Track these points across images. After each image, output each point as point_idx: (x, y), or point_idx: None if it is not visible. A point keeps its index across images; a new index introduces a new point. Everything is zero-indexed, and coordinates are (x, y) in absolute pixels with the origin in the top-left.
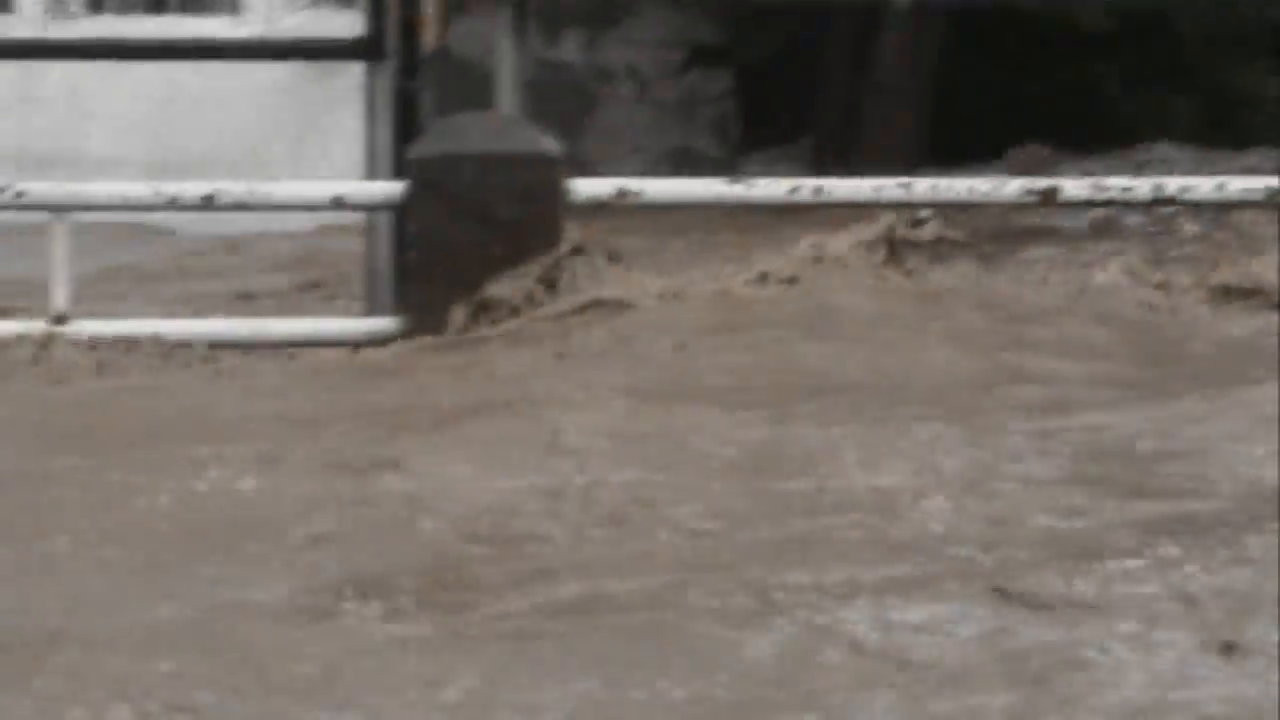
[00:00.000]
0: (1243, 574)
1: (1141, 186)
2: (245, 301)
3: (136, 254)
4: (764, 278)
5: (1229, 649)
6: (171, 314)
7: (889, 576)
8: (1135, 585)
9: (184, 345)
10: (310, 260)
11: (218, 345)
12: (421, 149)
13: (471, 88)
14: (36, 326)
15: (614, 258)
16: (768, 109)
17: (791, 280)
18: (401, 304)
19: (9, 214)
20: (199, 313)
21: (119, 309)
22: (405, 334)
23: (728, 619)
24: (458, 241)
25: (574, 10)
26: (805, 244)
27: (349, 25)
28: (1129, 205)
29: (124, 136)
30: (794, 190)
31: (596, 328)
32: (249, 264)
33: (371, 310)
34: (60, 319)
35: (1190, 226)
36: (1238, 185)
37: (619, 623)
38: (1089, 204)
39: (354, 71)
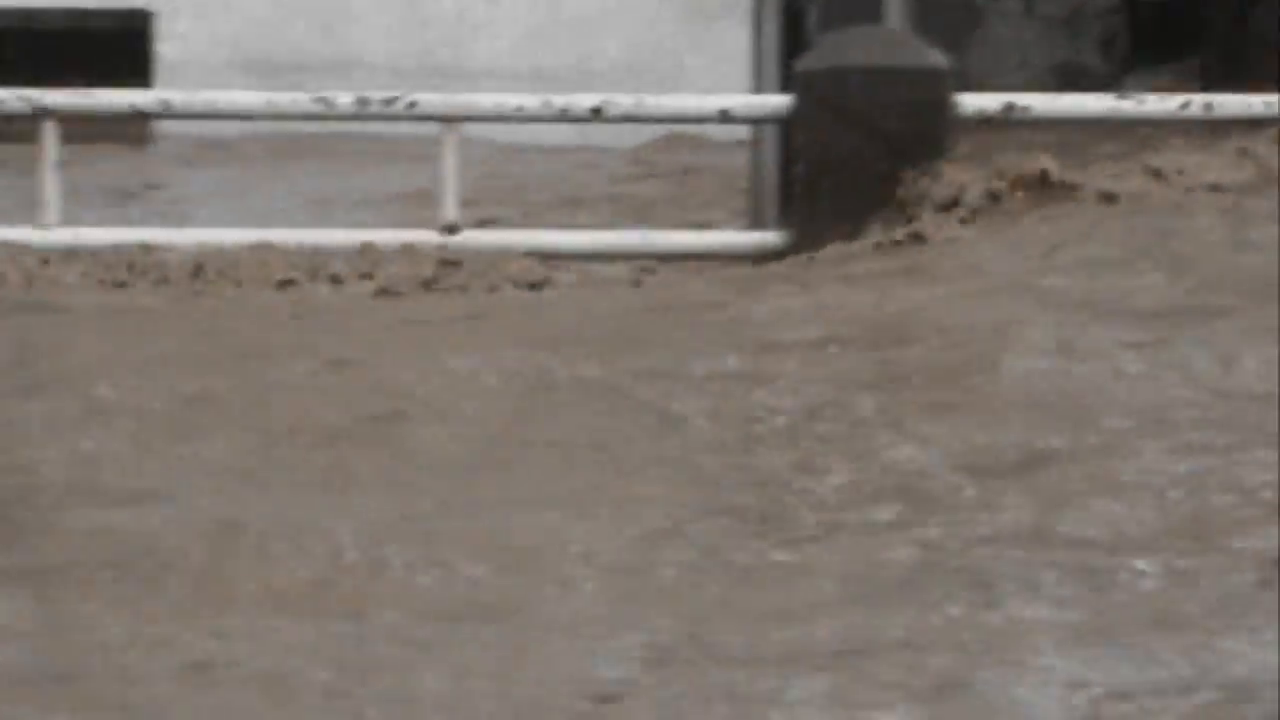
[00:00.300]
0: None
1: None
2: (620, 214)
3: (504, 166)
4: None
5: None
6: (552, 226)
7: None
8: None
9: (573, 257)
10: (667, 174)
11: (605, 257)
12: (808, 63)
13: (858, 2)
14: (429, 236)
15: (1003, 171)
16: (1155, 25)
17: None
18: (787, 217)
19: (402, 125)
20: (576, 225)
21: (504, 220)
22: (791, 247)
23: None
24: (844, 155)
25: None
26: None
27: None
28: None
29: (511, 49)
30: (1184, 106)
31: (997, 240)
32: (612, 177)
33: (757, 224)
34: (451, 229)
35: None
36: None
37: None
38: None
39: None
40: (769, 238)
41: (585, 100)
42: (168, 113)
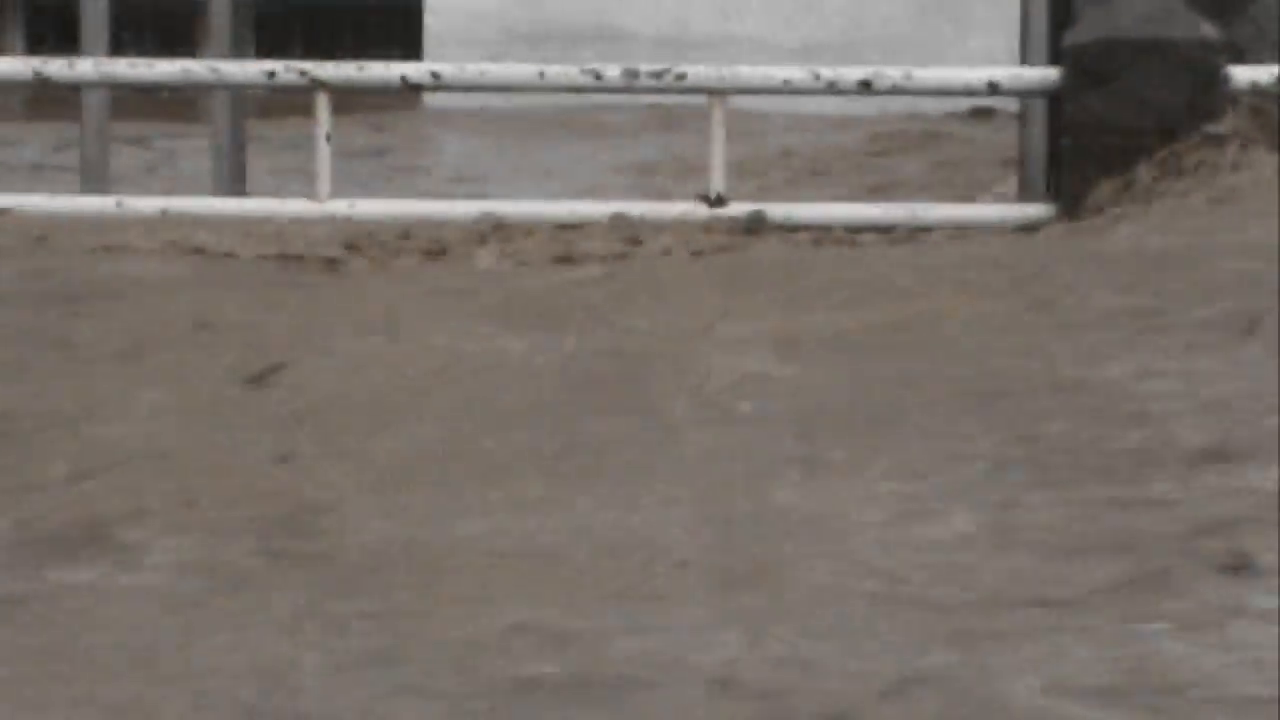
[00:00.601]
0: None
1: None
2: (883, 187)
3: (753, 137)
4: None
5: None
6: (819, 197)
7: None
8: None
9: (842, 228)
10: (909, 146)
11: (873, 229)
12: (1077, 35)
13: None
14: (696, 208)
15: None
16: None
17: None
18: (1055, 190)
19: (669, 96)
20: (840, 196)
21: (769, 192)
22: (1058, 220)
23: None
24: (1113, 128)
25: None
26: None
27: None
28: None
29: (775, 21)
30: None
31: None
32: (868, 149)
33: (1024, 196)
34: (719, 200)
35: None
36: None
37: None
38: None
39: None
40: (1036, 210)
41: (854, 73)
42: (438, 85)
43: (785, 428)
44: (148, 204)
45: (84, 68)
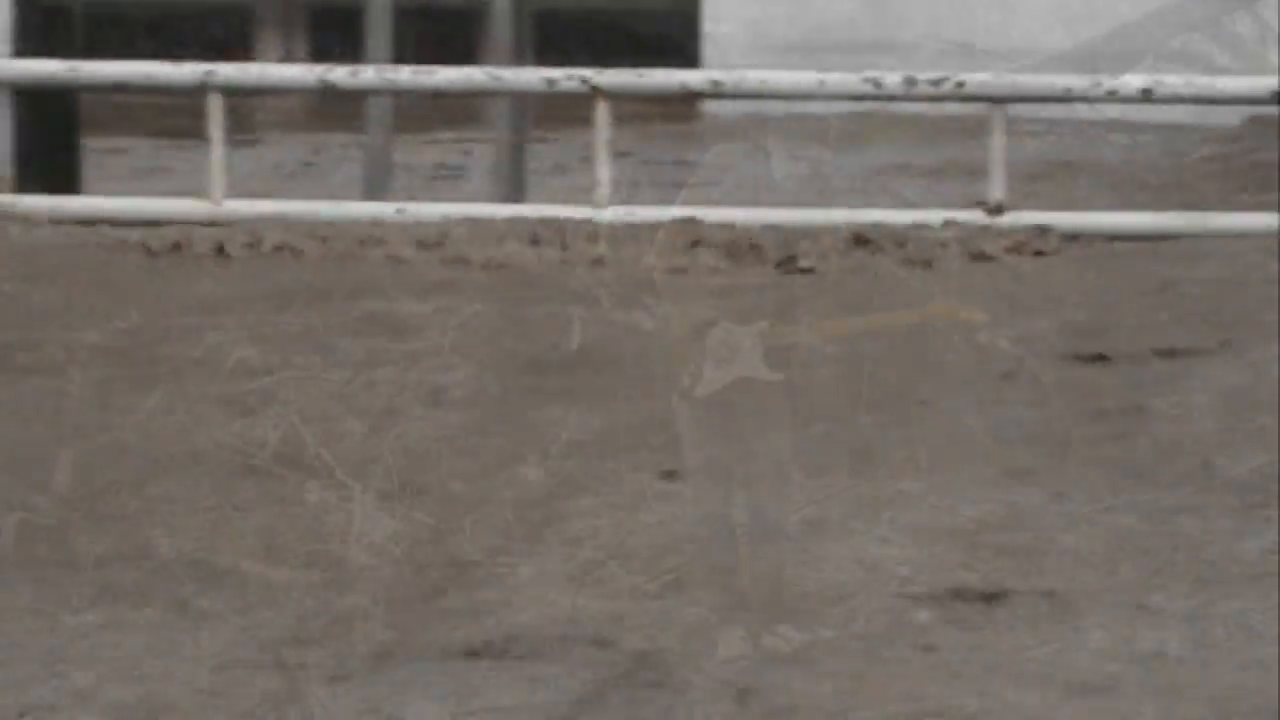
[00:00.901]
0: None
1: None
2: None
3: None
4: None
5: None
6: (1098, 206)
7: None
8: None
9: (1121, 237)
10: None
11: (1153, 237)
12: None
13: None
14: (974, 216)
15: None
16: None
17: None
18: None
19: (949, 105)
20: (1117, 204)
21: (1056, 200)
22: None
23: None
24: None
25: None
26: None
27: None
28: None
29: (1051, 27)
30: None
31: None
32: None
33: None
34: (997, 209)
35: None
36: None
37: None
38: None
39: None
40: None
41: (1135, 81)
42: (719, 92)
43: None
44: (428, 210)
45: (367, 75)
